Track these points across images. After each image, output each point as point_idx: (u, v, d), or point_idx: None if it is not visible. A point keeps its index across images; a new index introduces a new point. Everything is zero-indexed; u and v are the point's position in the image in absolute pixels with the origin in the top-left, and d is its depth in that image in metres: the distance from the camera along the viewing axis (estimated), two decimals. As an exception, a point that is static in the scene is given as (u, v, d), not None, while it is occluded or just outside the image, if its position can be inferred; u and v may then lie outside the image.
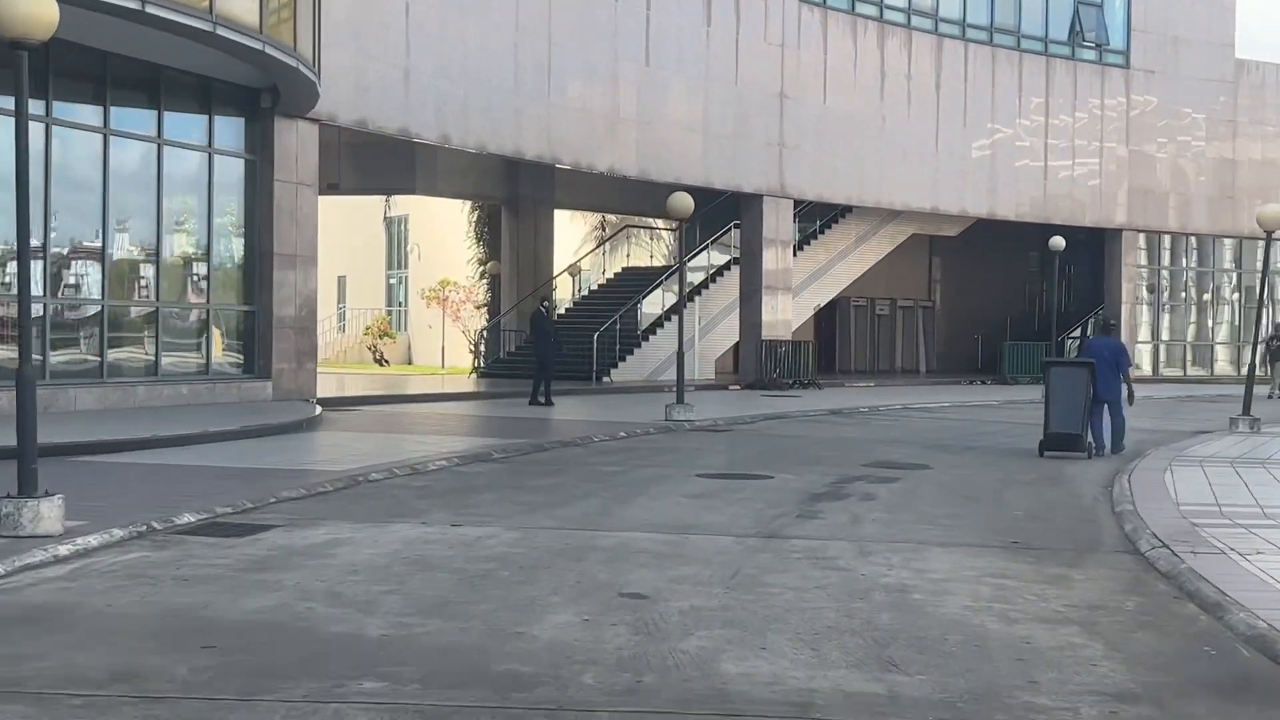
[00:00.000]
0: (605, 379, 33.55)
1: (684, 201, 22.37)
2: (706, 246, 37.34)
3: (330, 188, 34.19)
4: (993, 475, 15.49)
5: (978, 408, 29.18)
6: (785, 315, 35.33)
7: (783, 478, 14.56)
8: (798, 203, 36.14)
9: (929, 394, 33.29)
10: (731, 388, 33.61)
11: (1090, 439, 17.56)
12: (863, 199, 37.25)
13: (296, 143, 23.33)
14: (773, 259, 34.77)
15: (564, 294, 41.05)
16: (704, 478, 14.51)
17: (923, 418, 25.34)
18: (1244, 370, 34.31)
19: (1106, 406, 18.27)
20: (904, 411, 27.04)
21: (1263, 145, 45.13)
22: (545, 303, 28.16)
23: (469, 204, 43.22)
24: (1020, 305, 48.92)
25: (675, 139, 32.21)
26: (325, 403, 24.38)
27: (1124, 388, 18.28)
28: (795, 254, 37.65)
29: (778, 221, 34.83)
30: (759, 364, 34.04)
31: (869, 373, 45.01)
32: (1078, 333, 46.15)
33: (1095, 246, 45.89)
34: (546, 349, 25.84)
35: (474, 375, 36.60)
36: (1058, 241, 33.82)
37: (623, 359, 34.24)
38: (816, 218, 39.30)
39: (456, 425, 21.11)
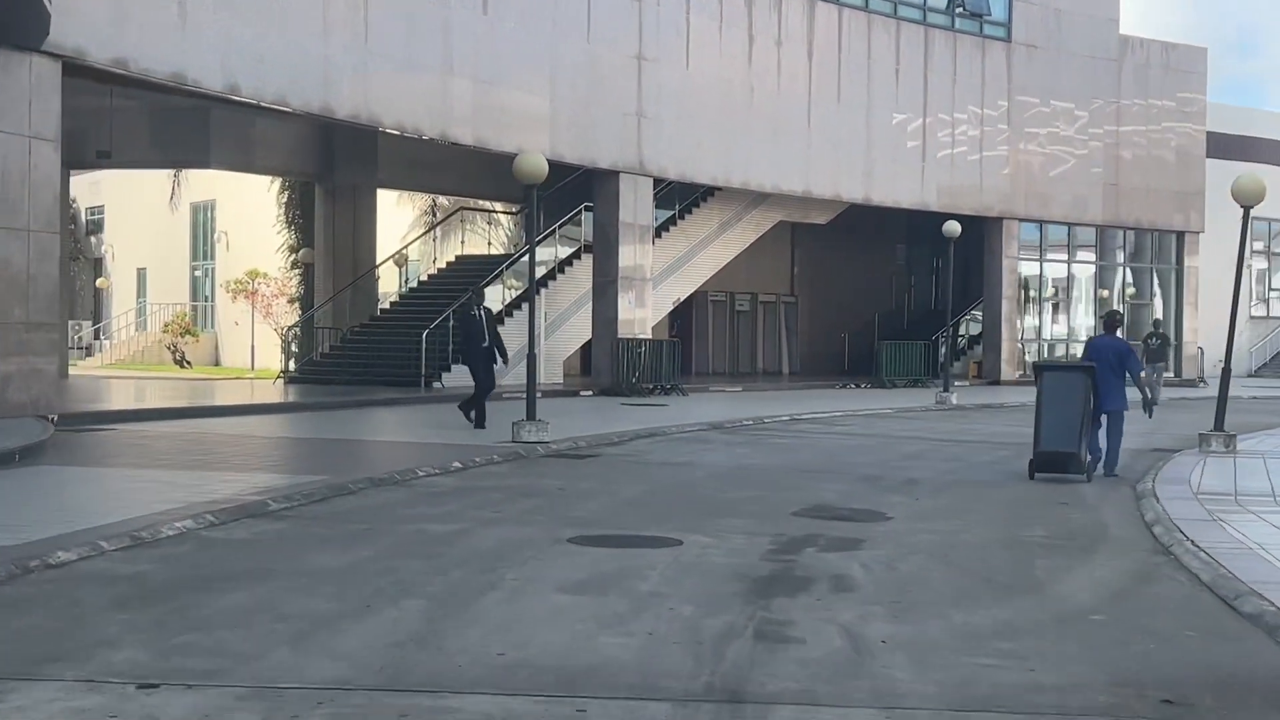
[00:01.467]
0: (436, 385, 28.56)
1: (535, 163, 17.64)
2: (553, 232, 32.55)
3: (101, 156, 28.60)
4: (989, 528, 11.06)
5: (872, 417, 24.99)
6: (644, 311, 30.75)
7: (696, 542, 9.90)
8: (658, 182, 31.60)
9: (807, 400, 29.05)
10: (584, 393, 28.90)
11: (1087, 455, 14.77)
12: (729, 179, 32.86)
13: (29, 83, 17.90)
14: (631, 246, 30.16)
15: (389, 286, 35.82)
16: (583, 545, 9.75)
17: (823, 433, 20.94)
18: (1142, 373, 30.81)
19: (1106, 419, 15.19)
20: (794, 424, 22.66)
21: (1147, 128, 42.03)
22: (474, 299, 20.75)
23: (278, 182, 37.70)
24: (887, 302, 45.20)
25: (518, 103, 27.33)
26: (73, 420, 18.98)
27: (1135, 394, 16.22)
28: (654, 241, 33.12)
29: (636, 203, 30.22)
30: (615, 367, 29.39)
31: (729, 375, 40.73)
32: (964, 330, 42.54)
33: (974, 237, 42.30)
34: (477, 358, 19.62)
35: (280, 380, 31.20)
36: (952, 227, 29.86)
37: (457, 361, 29.27)
38: (676, 200, 34.82)
39: (236, 452, 15.95)
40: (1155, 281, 43.64)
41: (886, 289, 45.52)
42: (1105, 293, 42.74)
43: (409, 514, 11.28)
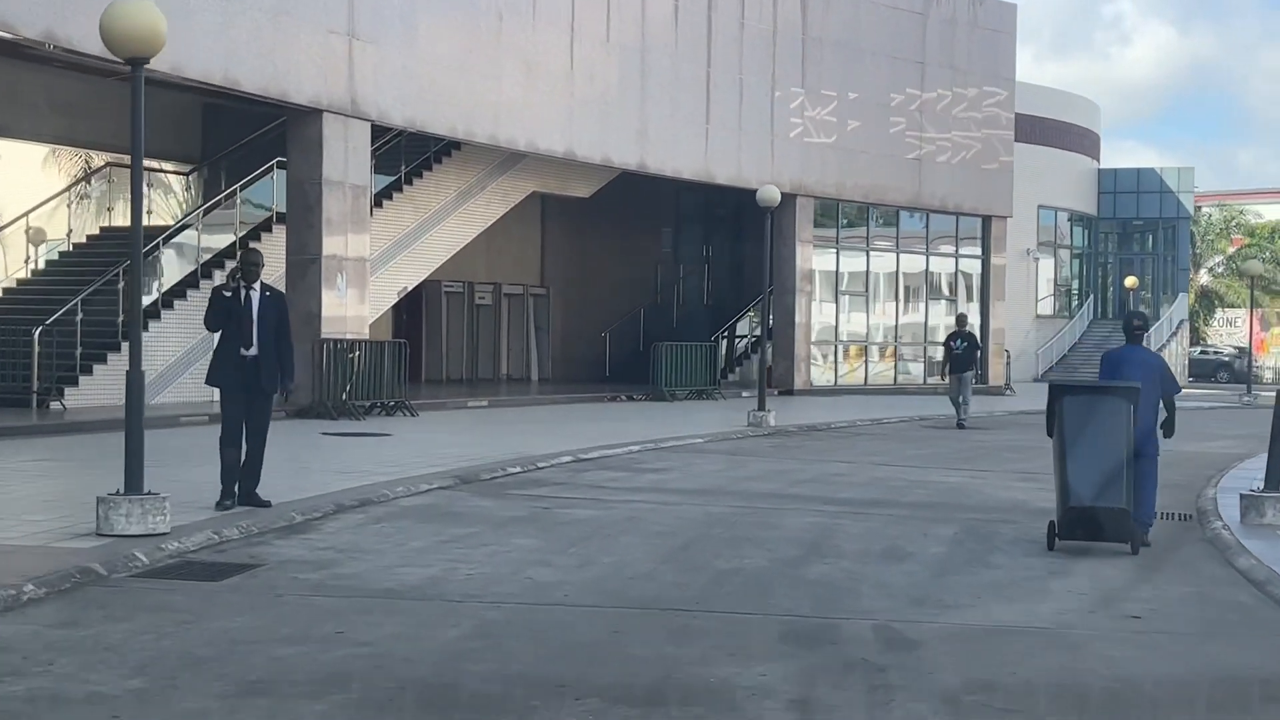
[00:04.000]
0: (55, 405, 20.05)
1: (138, 14, 9.73)
2: (234, 194, 24.24)
3: None
4: None
5: (684, 452, 17.83)
6: (360, 303, 22.81)
7: None
8: (379, 132, 23.76)
9: (580, 423, 21.76)
10: (275, 414, 20.80)
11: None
12: (472, 132, 25.17)
13: None
14: (340, 214, 22.19)
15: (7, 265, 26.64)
16: None
17: (638, 494, 13.51)
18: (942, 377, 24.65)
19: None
20: (583, 474, 15.21)
21: (953, 93, 36.27)
22: (244, 267, 11.49)
23: None
24: (652, 295, 38.28)
25: (167, 3, 19.00)
26: None
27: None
28: (372, 211, 25.24)
29: (348, 155, 22.26)
30: (319, 379, 21.36)
31: (468, 383, 33.08)
32: (744, 328, 35.92)
33: (759, 218, 35.82)
34: (231, 371, 11.03)
35: None
36: (769, 193, 22.86)
37: (88, 372, 20.76)
38: (402, 160, 26.95)
39: None
40: (960, 273, 37.95)
41: (651, 280, 38.60)
42: (909, 284, 36.83)
43: None
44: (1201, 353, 62.54)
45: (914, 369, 36.81)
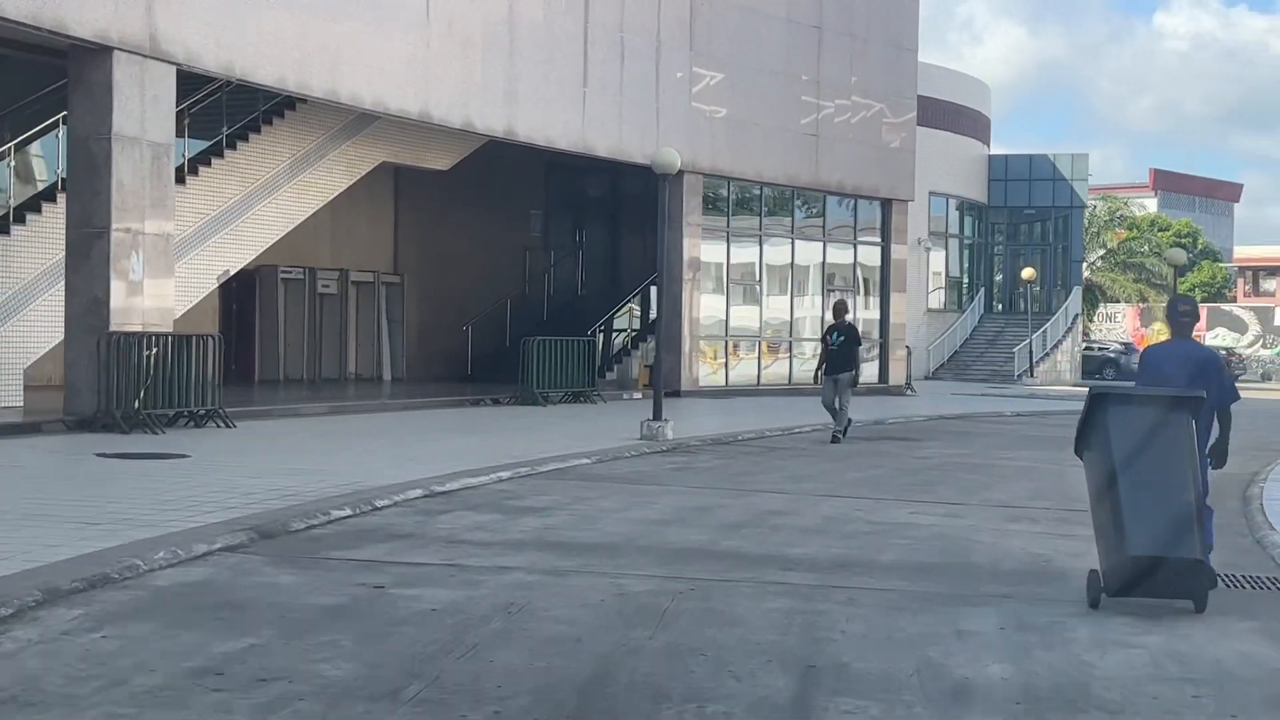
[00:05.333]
0: None
1: None
2: (8, 154, 19.72)
3: None
4: None
5: (567, 479, 13.94)
6: (162, 288, 18.46)
7: None
8: (191, 81, 19.47)
9: (434, 436, 17.79)
10: (47, 428, 16.50)
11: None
12: (308, 86, 20.92)
13: None
14: (136, 177, 17.82)
15: None
16: None
17: (529, 564, 9.50)
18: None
19: None
20: (435, 518, 11.23)
21: (852, 62, 32.89)
22: None
23: None
24: (519, 283, 34.30)
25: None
26: None
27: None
28: (184, 179, 20.97)
29: (145, 105, 17.90)
30: (105, 381, 17.00)
31: (309, 384, 28.83)
32: (623, 322, 32.12)
33: (639, 197, 32.13)
34: None
35: None
36: (667, 157, 18.89)
37: None
38: (224, 118, 22.63)
39: None
40: (858, 264, 34.54)
41: (520, 268, 34.59)
42: (805, 274, 33.35)
43: None
44: (1086, 348, 60.30)
45: (810, 366, 33.28)
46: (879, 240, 34.40)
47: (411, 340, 32.40)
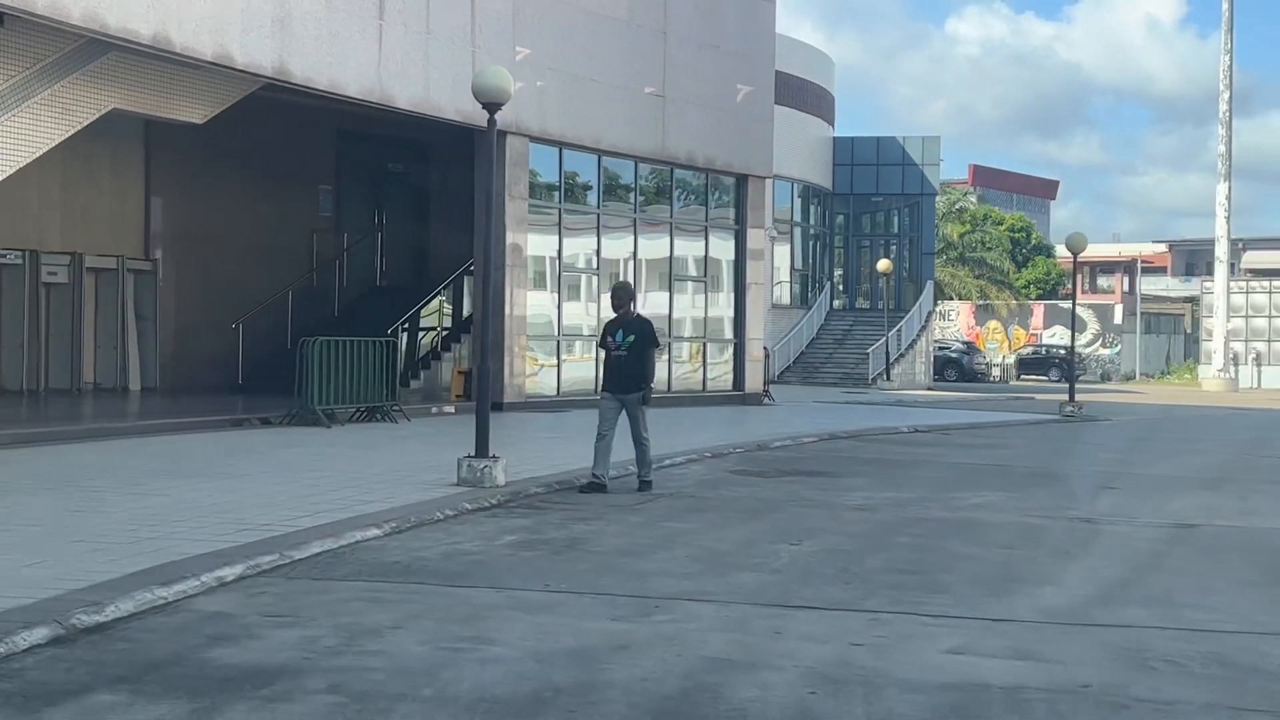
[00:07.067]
0: None
1: None
2: None
3: None
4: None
5: (354, 575, 8.37)
6: None
7: None
8: None
9: (158, 480, 12.02)
10: None
11: None
12: (-14, -14, 14.85)
13: None
14: None
15: None
16: None
17: None
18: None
19: None
20: (74, 697, 5.50)
21: (703, 16, 27.75)
22: None
23: None
24: (305, 272, 28.35)
25: None
26: None
27: None
28: None
29: None
30: None
31: (28, 396, 22.56)
32: (431, 321, 26.44)
33: (450, 173, 26.62)
34: None
35: None
36: (495, 80, 13.20)
37: None
38: None
39: None
40: (708, 251, 29.37)
41: (305, 253, 28.63)
42: (651, 265, 28.08)
43: None
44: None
45: (659, 372, 28.01)
46: (734, 223, 29.34)
47: (167, 342, 26.14)
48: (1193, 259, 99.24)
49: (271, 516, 10.05)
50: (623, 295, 13.46)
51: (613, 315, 13.42)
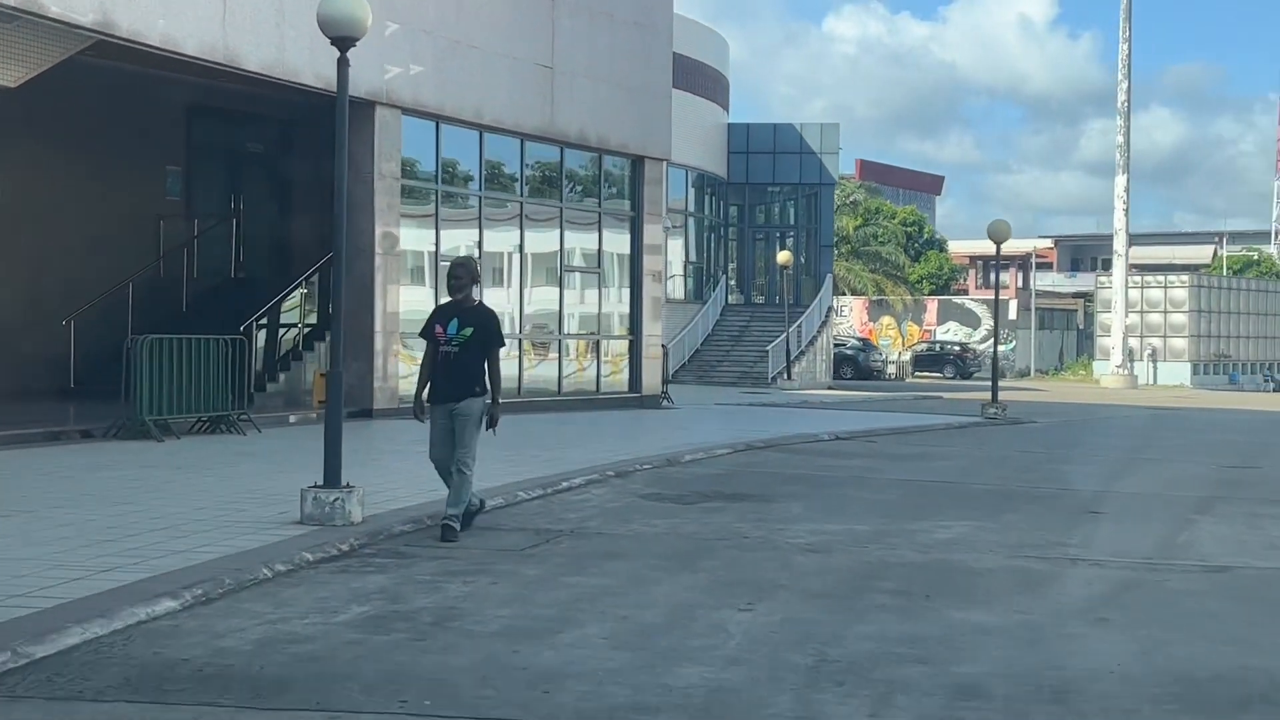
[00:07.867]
0: None
1: None
2: None
3: None
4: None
5: (134, 706, 5.60)
6: None
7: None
8: None
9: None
10: None
11: None
12: None
13: None
14: None
15: None
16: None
17: None
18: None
19: None
20: None
21: (599, -20, 25.20)
22: None
23: None
24: (149, 261, 25.18)
25: None
26: None
27: None
28: None
29: None
30: None
31: None
32: (294, 316, 23.50)
33: (321, 153, 23.65)
34: None
35: None
36: (349, 8, 10.59)
37: None
38: None
39: None
40: (601, 243, 26.78)
41: (149, 240, 25.44)
42: (539, 256, 25.44)
43: None
44: (828, 345, 54.24)
45: (546, 373, 25.41)
46: (630, 210, 26.81)
47: (-14, 341, 22.88)
48: (1078, 254, 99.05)
49: (28, 582, 7.28)
50: (463, 274, 10.25)
51: (448, 298, 10.29)
